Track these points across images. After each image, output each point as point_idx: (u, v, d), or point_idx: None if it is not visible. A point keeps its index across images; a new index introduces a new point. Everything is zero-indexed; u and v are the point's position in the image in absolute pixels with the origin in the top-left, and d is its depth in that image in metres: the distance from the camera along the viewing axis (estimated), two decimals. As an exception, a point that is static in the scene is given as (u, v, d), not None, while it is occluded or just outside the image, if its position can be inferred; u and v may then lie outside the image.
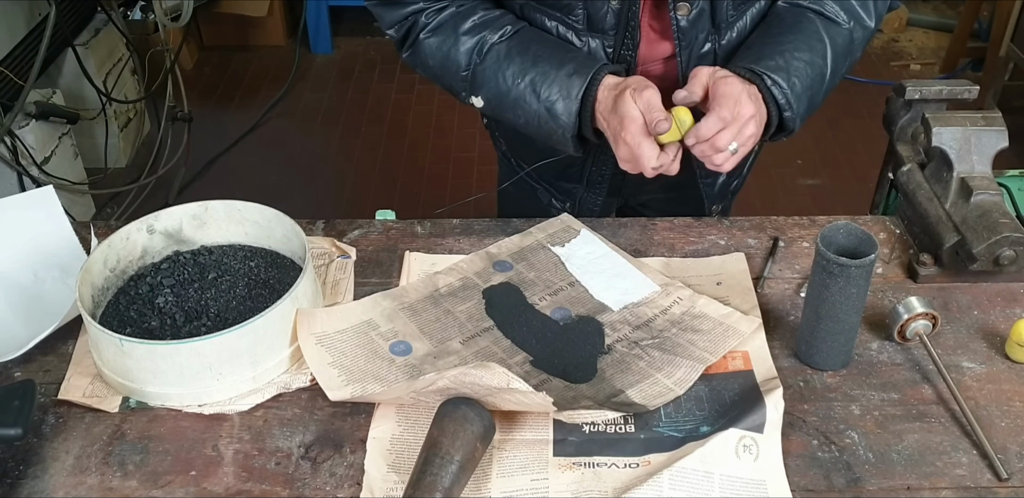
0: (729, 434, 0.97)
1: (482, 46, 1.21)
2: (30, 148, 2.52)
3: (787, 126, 1.19)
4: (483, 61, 1.21)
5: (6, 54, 2.49)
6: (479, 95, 1.23)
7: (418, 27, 1.23)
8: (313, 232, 1.31)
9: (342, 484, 0.97)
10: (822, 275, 1.03)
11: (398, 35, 1.26)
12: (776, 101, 1.16)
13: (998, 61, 3.29)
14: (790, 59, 1.18)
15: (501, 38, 1.21)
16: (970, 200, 1.19)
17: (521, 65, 1.19)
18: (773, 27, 1.24)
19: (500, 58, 1.20)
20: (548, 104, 1.18)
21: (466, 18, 1.22)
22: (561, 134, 1.20)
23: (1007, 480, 0.96)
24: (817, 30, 1.22)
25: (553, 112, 1.18)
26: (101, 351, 1.05)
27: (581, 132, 1.19)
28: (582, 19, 1.21)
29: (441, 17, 1.22)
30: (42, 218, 1.23)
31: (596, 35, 1.22)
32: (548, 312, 1.17)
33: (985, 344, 1.12)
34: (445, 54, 1.23)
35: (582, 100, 1.16)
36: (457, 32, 1.21)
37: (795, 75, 1.17)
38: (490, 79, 1.21)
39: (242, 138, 3.40)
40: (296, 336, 1.09)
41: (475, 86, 1.23)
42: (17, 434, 0.93)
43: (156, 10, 3.00)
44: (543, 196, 1.49)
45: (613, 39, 1.22)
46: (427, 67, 1.26)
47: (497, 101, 1.23)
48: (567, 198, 1.46)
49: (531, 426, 1.02)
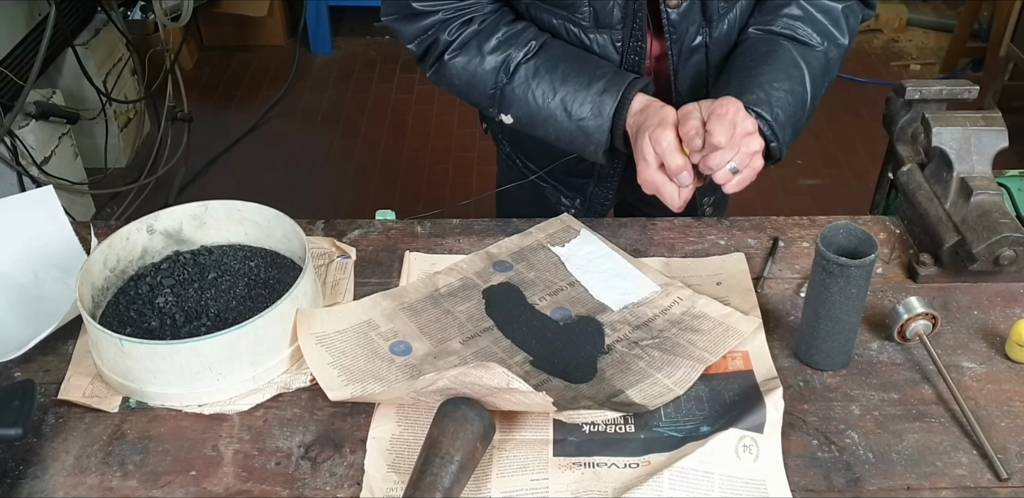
0: (729, 434, 0.97)
1: (508, 64, 1.21)
2: (30, 148, 2.52)
3: (773, 155, 1.20)
4: (511, 80, 1.21)
5: (6, 54, 2.49)
6: (508, 113, 1.24)
7: (440, 45, 1.23)
8: (313, 232, 1.31)
9: (342, 484, 0.97)
10: (822, 275, 1.03)
11: (419, 50, 1.26)
12: (762, 133, 1.16)
13: (998, 61, 3.29)
14: (770, 90, 1.18)
15: (527, 56, 1.21)
16: (970, 200, 1.19)
17: (550, 84, 1.20)
18: (749, 58, 1.24)
19: (528, 77, 1.21)
20: (580, 123, 1.19)
21: (490, 36, 1.22)
22: (593, 149, 1.22)
23: (1007, 480, 0.96)
24: (793, 57, 1.23)
25: (586, 130, 1.20)
26: (101, 351, 1.05)
27: (612, 144, 1.21)
28: (588, 16, 1.22)
29: (464, 35, 1.22)
30: (42, 218, 1.23)
31: (604, 31, 1.23)
32: (548, 312, 1.17)
33: (985, 344, 1.12)
34: (471, 73, 1.23)
35: (613, 119, 1.18)
36: (482, 51, 1.22)
37: (777, 106, 1.18)
38: (519, 98, 1.22)
39: (242, 138, 3.40)
40: (296, 336, 1.09)
41: (503, 104, 1.24)
42: (17, 434, 0.93)
43: (156, 10, 3.00)
44: (551, 195, 1.49)
45: (621, 33, 1.22)
46: (453, 86, 1.27)
47: (528, 119, 1.24)
48: (577, 194, 1.46)
49: (531, 426, 1.02)
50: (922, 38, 4.00)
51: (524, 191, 1.52)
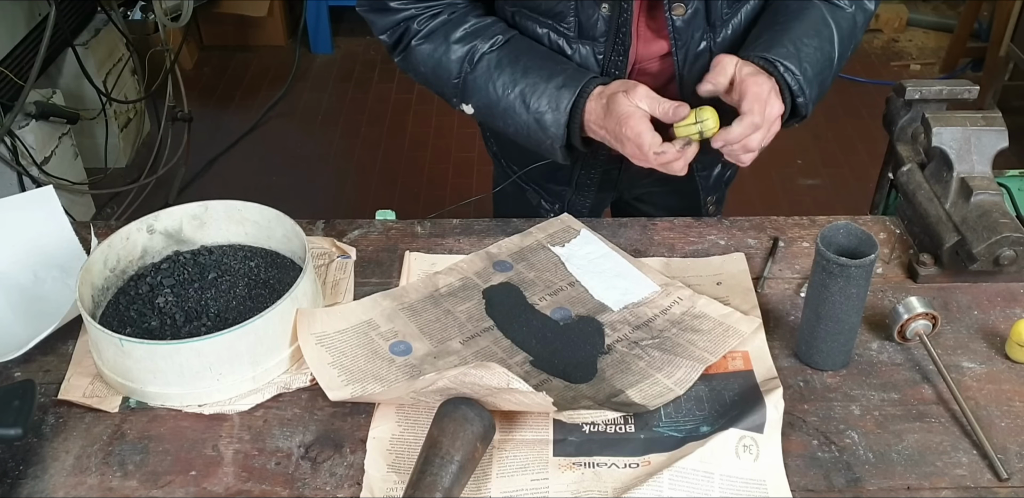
0: (729, 434, 0.97)
1: (473, 55, 1.22)
2: (30, 148, 2.52)
3: (800, 111, 1.20)
4: (473, 70, 1.22)
5: (6, 54, 2.49)
6: (469, 103, 1.25)
7: (410, 33, 1.25)
8: (313, 232, 1.31)
9: (342, 484, 0.97)
10: (822, 275, 1.03)
11: (390, 40, 1.27)
12: (790, 88, 1.17)
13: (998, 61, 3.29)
14: (800, 45, 1.19)
15: (491, 47, 1.22)
16: (970, 200, 1.19)
17: (511, 75, 1.20)
18: (780, 14, 1.25)
19: (491, 68, 1.21)
20: (537, 115, 1.19)
21: (457, 26, 1.23)
22: (550, 144, 1.21)
23: (1007, 480, 0.96)
24: (823, 15, 1.23)
25: (542, 123, 1.19)
26: (101, 351, 1.05)
27: (570, 141, 1.21)
28: (573, 27, 1.22)
29: (433, 24, 1.23)
30: (42, 218, 1.23)
31: (587, 42, 1.23)
32: (548, 312, 1.17)
33: (985, 344, 1.12)
34: (436, 61, 1.24)
35: (571, 112, 1.17)
36: (448, 40, 1.22)
37: (806, 61, 1.18)
38: (480, 88, 1.22)
39: (242, 138, 3.40)
40: (296, 336, 1.09)
41: (466, 94, 1.24)
42: (17, 434, 0.93)
43: (156, 10, 2.99)
44: (532, 197, 1.51)
45: (603, 45, 1.23)
46: (418, 73, 1.28)
47: (487, 110, 1.24)
48: (556, 200, 1.47)
49: (531, 426, 1.02)
50: (922, 38, 4.00)
51: (515, 191, 1.53)
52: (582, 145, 1.21)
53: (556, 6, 1.21)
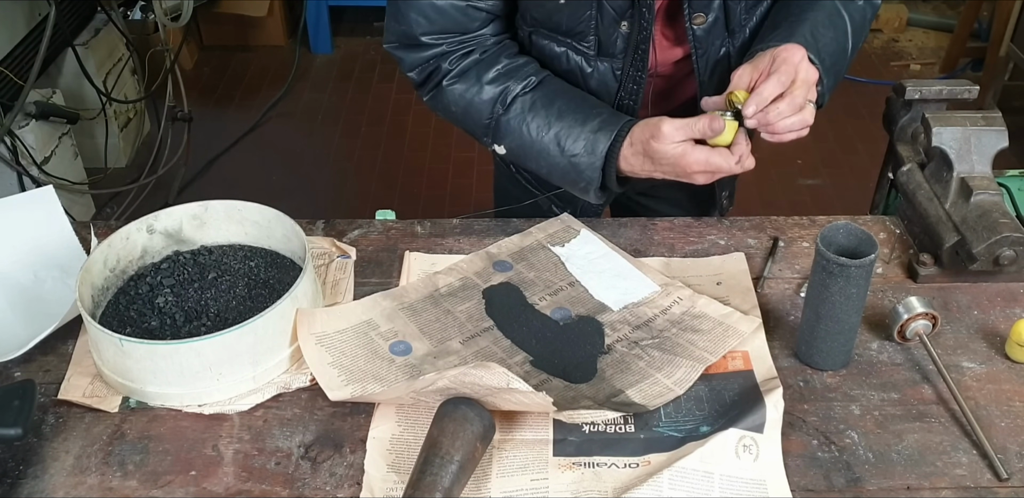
0: (729, 434, 0.97)
1: (506, 96, 1.22)
2: (30, 148, 2.52)
3: (817, 101, 1.20)
4: (507, 112, 1.23)
5: (6, 54, 2.49)
6: (502, 144, 1.25)
7: (440, 72, 1.24)
8: (313, 232, 1.31)
9: (342, 484, 0.97)
10: (822, 275, 1.03)
11: (419, 78, 1.27)
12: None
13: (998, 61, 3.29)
14: (817, 36, 1.20)
15: (525, 89, 1.22)
16: (970, 200, 1.19)
17: (546, 118, 1.21)
18: (794, 6, 1.25)
19: (524, 110, 1.22)
20: (573, 159, 1.20)
21: (490, 66, 1.23)
22: (584, 186, 1.23)
23: (1007, 480, 0.96)
24: (836, 8, 1.24)
25: (577, 167, 1.21)
26: (101, 351, 1.05)
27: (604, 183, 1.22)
28: (593, 45, 1.23)
29: (465, 63, 1.23)
30: (42, 218, 1.23)
31: (605, 59, 1.25)
32: (548, 312, 1.17)
33: (985, 344, 1.12)
34: (468, 102, 1.24)
35: (606, 158, 1.19)
36: (481, 81, 1.23)
37: (824, 51, 1.19)
38: (514, 130, 1.23)
39: (242, 138, 3.40)
40: (296, 336, 1.09)
41: (498, 135, 1.25)
42: (17, 434, 0.93)
43: (156, 10, 2.99)
44: (543, 202, 1.50)
45: (622, 62, 1.24)
46: (449, 112, 1.28)
47: (520, 151, 1.25)
48: (568, 205, 1.46)
49: (531, 426, 1.02)
50: (922, 38, 4.00)
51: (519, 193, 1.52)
52: (617, 186, 1.23)
53: (576, 26, 1.22)
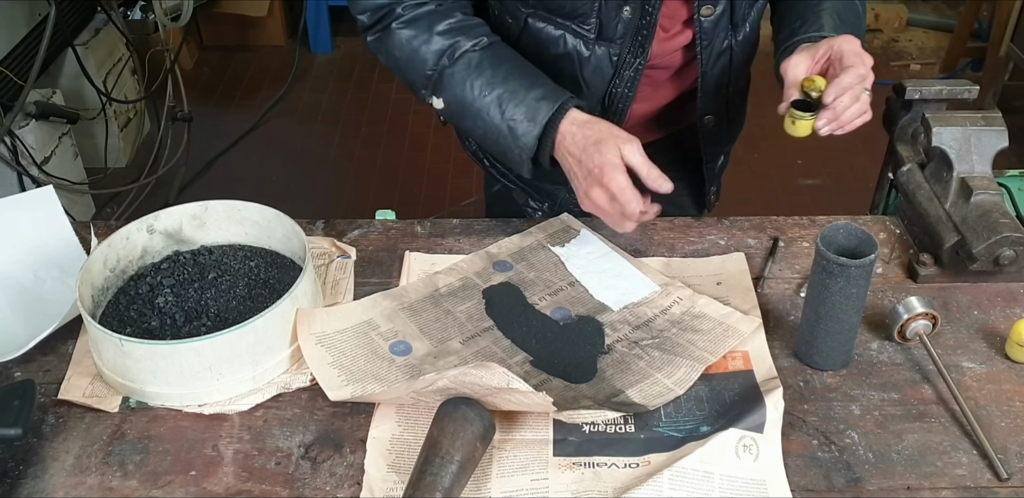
0: (729, 434, 0.97)
1: (454, 50, 1.21)
2: (30, 148, 2.52)
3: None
4: (452, 65, 1.21)
5: (6, 54, 2.49)
6: (441, 97, 1.23)
7: (392, 16, 1.22)
8: (313, 232, 1.31)
9: (342, 484, 0.97)
10: (822, 275, 1.03)
11: (369, 21, 1.24)
12: None
13: (998, 61, 3.29)
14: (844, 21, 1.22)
15: (474, 47, 1.21)
16: (970, 200, 1.19)
17: (491, 78, 1.19)
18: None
19: (471, 66, 1.20)
20: (511, 123, 1.18)
21: (443, 18, 1.21)
22: (518, 154, 1.20)
23: (1007, 480, 0.96)
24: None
25: (515, 132, 1.18)
26: (101, 351, 1.05)
27: (537, 157, 1.20)
28: (594, 28, 1.23)
29: (418, 12, 1.21)
30: (42, 218, 1.23)
31: (603, 43, 1.24)
32: (548, 312, 1.17)
33: (985, 344, 1.12)
34: (414, 49, 1.22)
35: (545, 126, 1.17)
36: (432, 30, 1.21)
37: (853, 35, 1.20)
38: (456, 85, 1.21)
39: (242, 138, 3.40)
40: (296, 336, 1.09)
41: (438, 88, 1.22)
42: (17, 434, 0.93)
43: (156, 10, 3.00)
44: (518, 196, 1.49)
45: (619, 47, 1.24)
46: (391, 57, 1.25)
47: (458, 107, 1.22)
48: (546, 199, 1.46)
49: (531, 426, 1.02)
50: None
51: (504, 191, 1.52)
52: (549, 164, 1.21)
53: (579, 7, 1.21)
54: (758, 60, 1.45)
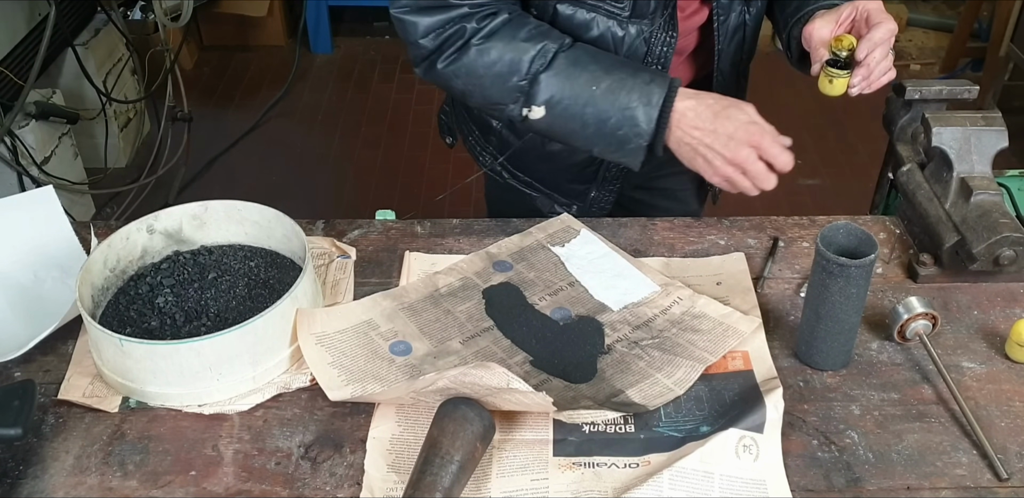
0: (729, 434, 0.97)
1: (545, 53, 1.17)
2: (30, 148, 2.52)
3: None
4: (548, 68, 1.17)
5: (6, 54, 2.49)
6: (539, 103, 1.19)
7: (467, 33, 1.18)
8: (313, 232, 1.31)
9: (342, 484, 0.97)
10: (822, 275, 1.03)
11: (434, 44, 1.18)
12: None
13: (998, 61, 3.29)
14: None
15: (563, 48, 1.18)
16: (970, 200, 1.19)
17: (594, 72, 1.17)
18: None
19: (569, 65, 1.18)
20: (628, 111, 1.16)
21: (522, 26, 1.18)
22: (635, 143, 1.18)
23: (1007, 480, 0.96)
24: None
25: (633, 119, 1.16)
26: (101, 351, 1.05)
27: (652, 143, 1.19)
28: (628, 6, 1.22)
29: (494, 24, 1.18)
30: (42, 218, 1.23)
31: (636, 21, 1.23)
32: (548, 312, 1.17)
33: (985, 344, 1.12)
34: (501, 61, 1.17)
35: (661, 109, 1.16)
36: (516, 38, 1.17)
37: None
38: (557, 86, 1.17)
39: (242, 138, 3.40)
40: (296, 336, 1.09)
41: (535, 93, 1.18)
42: (17, 434, 0.93)
43: (156, 10, 2.99)
44: (543, 204, 1.47)
45: (651, 23, 1.23)
46: (473, 76, 1.19)
47: (561, 109, 1.18)
48: (575, 201, 1.45)
49: (531, 426, 1.02)
50: (922, 38, 4.00)
51: (513, 198, 1.50)
52: (663, 149, 1.19)
53: None
54: (758, 60, 1.45)
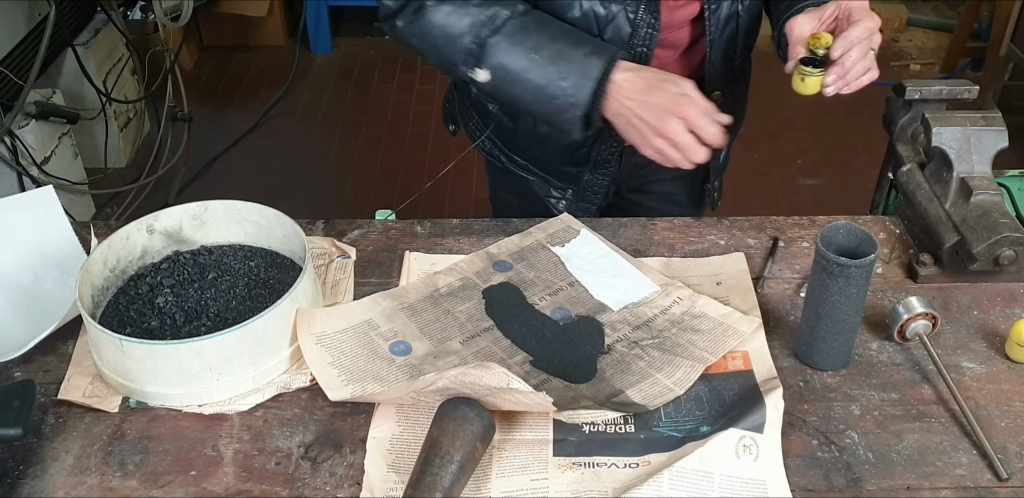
0: (729, 434, 0.97)
1: (495, 19, 1.20)
2: (30, 148, 2.52)
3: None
4: (496, 33, 1.20)
5: (6, 54, 2.49)
6: (485, 66, 1.21)
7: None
8: (313, 232, 1.31)
9: (342, 484, 0.97)
10: (822, 275, 1.03)
11: (396, 4, 1.23)
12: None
13: (998, 61, 3.29)
14: None
15: (514, 15, 1.20)
16: (970, 200, 1.19)
17: (538, 41, 1.19)
18: None
19: (516, 31, 1.20)
20: (564, 81, 1.18)
21: None
22: (571, 113, 1.19)
23: (1007, 480, 0.96)
24: None
25: (568, 90, 1.18)
26: (101, 351, 1.05)
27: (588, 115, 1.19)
28: None
29: None
30: (42, 218, 1.23)
31: (619, 1, 1.23)
32: (548, 312, 1.17)
33: (985, 344, 1.12)
34: (452, 24, 1.20)
35: (598, 81, 1.17)
36: (468, 3, 1.20)
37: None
38: (502, 51, 1.20)
39: (242, 138, 3.40)
40: (296, 336, 1.09)
41: (482, 58, 1.21)
42: (17, 434, 0.93)
43: (156, 10, 2.99)
44: (539, 188, 1.48)
45: (635, 4, 1.23)
46: (427, 37, 1.23)
47: (505, 74, 1.21)
48: (569, 185, 1.45)
49: (531, 426, 1.02)
50: (922, 38, 4.00)
51: (516, 188, 1.51)
52: (600, 120, 1.20)
53: None
54: (758, 60, 1.45)
